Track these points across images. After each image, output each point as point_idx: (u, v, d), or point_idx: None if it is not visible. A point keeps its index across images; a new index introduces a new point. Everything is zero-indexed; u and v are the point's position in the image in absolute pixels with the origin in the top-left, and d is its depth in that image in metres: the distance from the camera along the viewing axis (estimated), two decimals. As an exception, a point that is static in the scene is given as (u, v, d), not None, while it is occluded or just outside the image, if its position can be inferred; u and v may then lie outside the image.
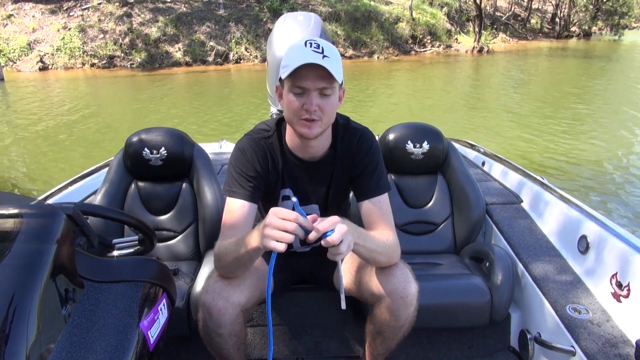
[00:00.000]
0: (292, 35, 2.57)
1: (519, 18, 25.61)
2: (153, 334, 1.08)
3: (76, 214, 1.20)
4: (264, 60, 13.50)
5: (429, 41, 19.17)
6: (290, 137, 1.42)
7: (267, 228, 1.07)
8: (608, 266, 1.66)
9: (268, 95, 2.96)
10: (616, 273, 1.61)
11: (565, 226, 1.95)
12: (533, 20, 26.34)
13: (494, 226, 2.13)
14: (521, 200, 2.29)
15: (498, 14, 24.04)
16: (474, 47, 18.71)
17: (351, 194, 1.58)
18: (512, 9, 25.05)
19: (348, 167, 1.46)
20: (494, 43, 20.53)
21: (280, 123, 1.45)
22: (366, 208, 1.42)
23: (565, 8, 26.78)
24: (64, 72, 14.26)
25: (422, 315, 1.42)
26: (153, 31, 15.51)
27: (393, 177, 2.18)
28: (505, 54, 18.74)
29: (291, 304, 1.82)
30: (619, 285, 1.58)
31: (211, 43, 15.70)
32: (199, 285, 1.63)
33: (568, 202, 2.02)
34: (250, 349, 1.81)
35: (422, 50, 18.72)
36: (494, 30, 21.98)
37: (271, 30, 2.79)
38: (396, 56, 17.61)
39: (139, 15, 16.00)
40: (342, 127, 1.45)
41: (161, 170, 2.02)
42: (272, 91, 2.77)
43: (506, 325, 1.85)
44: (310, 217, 1.09)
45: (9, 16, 15.56)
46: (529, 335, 1.73)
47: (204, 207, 1.96)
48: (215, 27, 16.15)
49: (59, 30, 15.23)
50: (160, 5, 16.59)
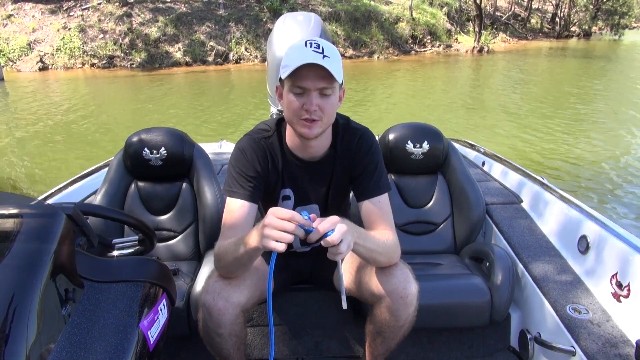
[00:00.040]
0: (292, 35, 2.57)
1: (519, 18, 25.62)
2: (153, 334, 1.08)
3: (76, 214, 1.20)
4: (264, 60, 13.50)
5: (429, 41, 19.17)
6: (290, 137, 1.42)
7: (267, 228, 1.07)
8: (608, 266, 1.66)
9: (268, 95, 2.96)
10: (616, 273, 1.61)
11: (565, 226, 1.95)
12: (533, 20, 26.34)
13: (494, 226, 2.13)
14: (521, 200, 2.29)
15: (498, 13, 24.04)
16: (474, 47, 18.71)
17: (351, 194, 1.58)
18: (512, 9, 25.05)
19: (348, 167, 1.46)
20: (494, 43, 20.52)
21: (280, 123, 1.45)
22: (366, 208, 1.42)
23: (565, 8, 26.78)
24: (63, 72, 14.26)
25: (422, 315, 1.42)
26: (153, 31, 15.51)
27: (393, 177, 2.18)
28: (505, 53, 18.74)
29: (291, 304, 1.82)
30: (619, 285, 1.58)
31: (211, 43, 15.70)
32: (199, 285, 1.63)
33: (568, 202, 2.02)
34: (250, 349, 1.81)
35: (422, 50, 18.71)
36: (494, 30, 21.97)
37: (271, 30, 2.79)
38: (396, 56, 17.61)
39: (139, 15, 15.99)
40: (342, 127, 1.45)
41: (161, 170, 2.02)
42: (272, 91, 2.76)
43: (506, 325, 1.85)
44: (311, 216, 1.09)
45: (9, 16, 15.56)
46: (529, 335, 1.73)
47: (204, 207, 1.96)
48: (215, 27, 16.15)
49: (59, 30, 15.23)
50: (160, 5, 16.59)
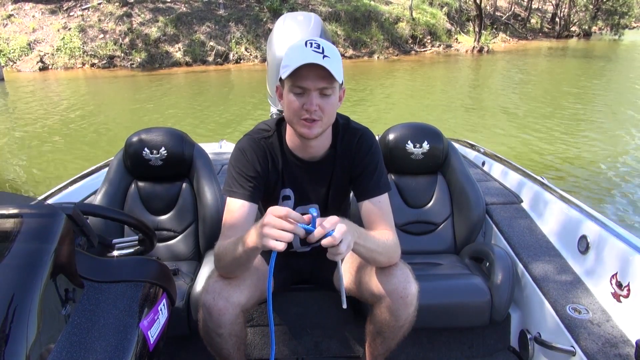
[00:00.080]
0: (292, 35, 2.57)
1: (519, 18, 25.62)
2: (153, 334, 1.08)
3: (76, 214, 1.20)
4: (264, 60, 13.50)
5: (429, 41, 19.17)
6: (290, 137, 1.42)
7: (266, 227, 1.06)
8: (608, 266, 1.66)
9: (268, 95, 2.96)
10: (616, 273, 1.61)
11: (565, 226, 1.95)
12: (533, 20, 26.34)
13: (494, 226, 2.13)
14: (521, 200, 2.29)
15: (498, 13, 24.04)
16: (474, 47, 18.71)
17: (351, 194, 1.58)
18: (512, 9, 25.05)
19: (348, 167, 1.46)
20: (494, 43, 20.52)
21: (280, 123, 1.45)
22: (366, 208, 1.42)
23: (565, 8, 26.78)
24: (64, 72, 14.25)
25: (422, 315, 1.42)
26: (153, 31, 15.51)
27: (393, 177, 2.18)
28: (505, 53, 18.73)
29: (291, 304, 1.82)
30: (619, 285, 1.58)
31: (211, 43, 15.70)
32: (199, 285, 1.63)
33: (568, 202, 2.02)
34: (250, 349, 1.81)
35: (422, 50, 18.71)
36: (494, 30, 21.98)
37: (271, 30, 2.79)
38: (396, 56, 17.61)
39: (139, 15, 15.99)
40: (342, 127, 1.45)
41: (161, 170, 2.02)
42: (272, 91, 2.76)
43: (506, 325, 1.85)
44: (306, 217, 1.09)
45: (9, 16, 15.56)
46: (529, 335, 1.73)
47: (204, 207, 1.96)
48: (215, 27, 16.15)
49: (59, 30, 15.23)
50: (160, 5, 16.59)
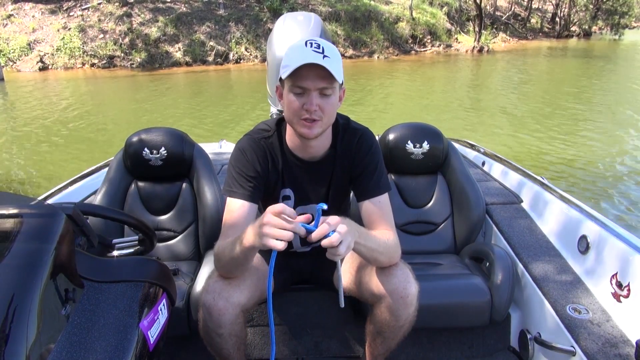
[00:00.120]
0: (292, 35, 2.57)
1: (519, 17, 25.62)
2: (153, 334, 1.08)
3: (76, 214, 1.20)
4: (264, 60, 13.49)
5: (429, 41, 19.17)
6: (290, 137, 1.42)
7: (266, 226, 1.06)
8: (608, 266, 1.66)
9: (268, 95, 2.96)
10: (616, 273, 1.61)
11: (565, 226, 1.95)
12: (533, 20, 26.34)
13: (494, 226, 2.13)
14: (521, 200, 2.29)
15: (498, 13, 24.04)
16: (474, 47, 18.72)
17: (351, 194, 1.58)
18: (512, 9, 25.05)
19: (348, 167, 1.46)
20: (494, 43, 20.53)
21: (280, 123, 1.45)
22: (366, 208, 1.42)
23: (565, 7, 26.79)
24: (64, 72, 14.26)
25: (422, 315, 1.42)
26: (153, 31, 15.51)
27: (393, 177, 2.18)
28: (505, 53, 18.73)
29: (291, 304, 1.82)
30: (619, 285, 1.58)
31: (211, 43, 15.70)
32: (199, 285, 1.63)
33: (568, 202, 2.02)
34: (250, 349, 1.81)
35: (422, 50, 18.71)
36: (494, 29, 21.98)
37: (271, 30, 2.79)
38: (396, 56, 17.61)
39: (139, 15, 15.99)
40: (342, 127, 1.45)
41: (161, 170, 2.02)
42: (272, 91, 2.76)
43: (506, 325, 1.85)
44: (304, 217, 1.08)
45: (9, 16, 15.56)
46: (529, 335, 1.73)
47: (204, 207, 1.96)
48: (215, 27, 16.14)
49: (59, 30, 15.23)
50: (160, 5, 16.59)
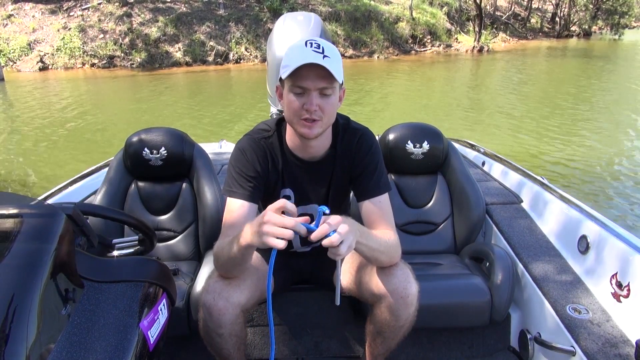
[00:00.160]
0: (292, 35, 2.57)
1: (519, 17, 25.61)
2: (153, 334, 1.08)
3: (76, 214, 1.20)
4: (264, 60, 13.50)
5: (429, 41, 19.17)
6: (290, 137, 1.42)
7: (266, 225, 1.05)
8: (608, 266, 1.66)
9: (268, 95, 2.96)
10: (616, 273, 1.61)
11: (565, 226, 1.95)
12: (533, 20, 26.33)
13: (494, 226, 2.13)
14: (521, 200, 2.29)
15: (498, 13, 24.04)
16: (474, 47, 18.71)
17: (351, 194, 1.58)
18: (512, 9, 25.04)
19: (348, 167, 1.46)
20: (494, 42, 20.53)
21: (280, 123, 1.45)
22: (366, 208, 1.42)
23: (565, 7, 26.78)
24: (64, 72, 14.25)
25: (422, 315, 1.42)
26: (153, 31, 15.51)
27: (393, 177, 2.18)
28: (505, 53, 18.73)
29: (291, 304, 1.82)
30: (619, 285, 1.58)
31: (211, 43, 15.69)
32: (199, 285, 1.63)
33: (568, 202, 2.02)
34: (250, 349, 1.81)
35: (422, 49, 18.71)
36: (494, 29, 21.98)
37: (271, 30, 2.79)
38: (396, 56, 17.61)
39: (139, 15, 15.99)
40: (342, 127, 1.45)
41: (161, 170, 2.02)
42: (272, 91, 2.76)
43: (506, 325, 1.85)
44: (303, 219, 1.07)
45: (9, 16, 15.56)
46: (529, 335, 1.73)
47: (204, 207, 1.96)
48: (215, 27, 16.14)
49: (59, 30, 15.23)
50: (160, 5, 16.59)
